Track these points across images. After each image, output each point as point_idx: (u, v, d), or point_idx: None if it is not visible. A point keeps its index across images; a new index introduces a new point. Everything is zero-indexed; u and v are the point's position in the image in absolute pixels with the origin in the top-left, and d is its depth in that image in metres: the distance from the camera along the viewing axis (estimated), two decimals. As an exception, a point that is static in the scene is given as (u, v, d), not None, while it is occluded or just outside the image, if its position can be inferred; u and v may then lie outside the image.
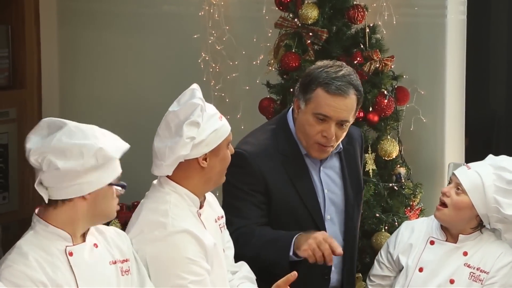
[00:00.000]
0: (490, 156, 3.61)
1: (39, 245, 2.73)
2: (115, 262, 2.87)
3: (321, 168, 3.53)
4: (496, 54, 6.56)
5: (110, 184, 2.79)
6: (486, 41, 6.47)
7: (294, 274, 3.01)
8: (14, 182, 5.83)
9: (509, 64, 6.57)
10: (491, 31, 6.52)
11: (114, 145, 2.80)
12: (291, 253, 3.28)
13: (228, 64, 5.43)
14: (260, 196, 3.41)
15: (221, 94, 5.46)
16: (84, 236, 2.84)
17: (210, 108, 3.13)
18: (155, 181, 3.17)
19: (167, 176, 3.10)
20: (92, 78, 6.03)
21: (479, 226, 3.54)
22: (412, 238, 3.61)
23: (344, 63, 3.50)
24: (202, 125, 3.04)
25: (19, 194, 5.85)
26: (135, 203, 4.96)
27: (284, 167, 3.45)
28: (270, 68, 4.94)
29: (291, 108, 3.56)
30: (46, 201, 2.75)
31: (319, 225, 3.46)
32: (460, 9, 5.08)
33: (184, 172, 3.07)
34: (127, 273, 2.89)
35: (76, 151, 2.70)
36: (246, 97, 5.37)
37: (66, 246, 2.75)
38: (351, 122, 3.49)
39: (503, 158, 3.55)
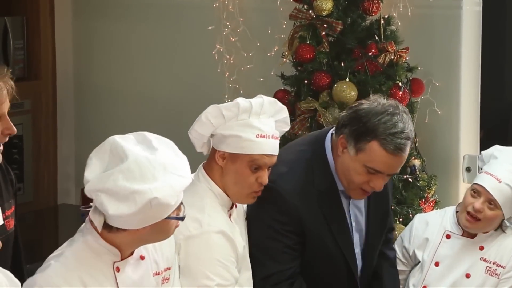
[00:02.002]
0: (497, 148, 3.58)
1: (86, 260, 2.65)
2: (158, 273, 2.85)
3: (351, 201, 3.33)
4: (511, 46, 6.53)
5: (168, 218, 2.66)
6: (502, 33, 6.45)
7: None
8: (29, 173, 5.85)
9: (524, 56, 6.54)
10: (506, 22, 6.49)
11: (173, 189, 2.60)
12: None
13: (243, 55, 5.42)
14: (294, 237, 3.21)
15: (236, 86, 5.46)
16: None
17: (256, 122, 3.04)
18: (192, 174, 3.16)
19: (204, 169, 3.09)
20: (106, 69, 6.04)
21: (500, 226, 3.54)
22: (427, 232, 3.59)
23: (398, 104, 3.21)
24: (228, 122, 3.02)
25: (34, 185, 5.87)
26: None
27: (319, 204, 3.23)
28: (285, 59, 4.93)
29: (329, 134, 3.29)
30: (99, 230, 2.65)
31: (350, 263, 3.31)
32: (476, 0, 5.06)
33: (210, 162, 3.09)
34: (166, 281, 2.88)
35: (130, 198, 2.55)
36: (260, 88, 5.35)
37: (114, 262, 2.69)
38: None
39: None
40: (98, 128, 5.99)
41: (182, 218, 2.69)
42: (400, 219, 4.58)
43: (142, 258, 2.78)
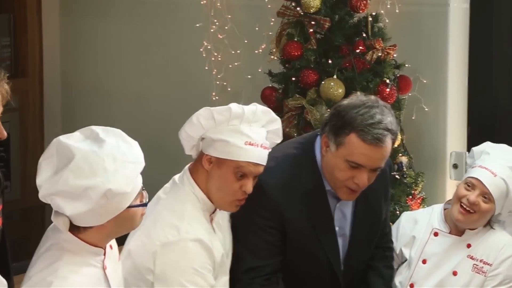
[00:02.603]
0: (489, 144, 3.59)
1: (79, 269, 2.64)
2: (119, 258, 2.86)
3: (337, 205, 3.29)
4: (499, 43, 6.54)
5: (130, 206, 2.65)
6: (489, 30, 6.45)
7: None
8: (16, 171, 5.84)
9: (512, 53, 6.55)
10: (494, 19, 6.50)
11: (126, 177, 2.58)
12: None
13: (230, 53, 5.42)
14: (276, 233, 3.19)
15: (223, 83, 5.45)
16: None
17: (247, 129, 3.02)
18: (176, 176, 3.13)
19: (190, 172, 3.07)
20: (94, 66, 6.03)
21: (489, 222, 3.54)
22: (414, 230, 3.60)
23: (378, 99, 3.19)
24: (219, 126, 3.00)
25: (21, 183, 5.86)
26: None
27: (303, 202, 3.20)
28: (272, 57, 4.93)
29: (318, 140, 3.26)
30: (66, 231, 2.63)
31: (333, 263, 3.29)
32: (463, -3, 5.08)
33: (196, 165, 3.07)
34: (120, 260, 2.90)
35: (84, 195, 2.55)
36: (248, 86, 5.37)
37: (103, 262, 2.69)
38: None
39: None
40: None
41: (145, 205, 2.68)
42: (387, 216, 4.59)
43: (111, 247, 2.79)
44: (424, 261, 3.54)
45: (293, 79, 4.74)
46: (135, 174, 2.62)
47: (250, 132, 3.00)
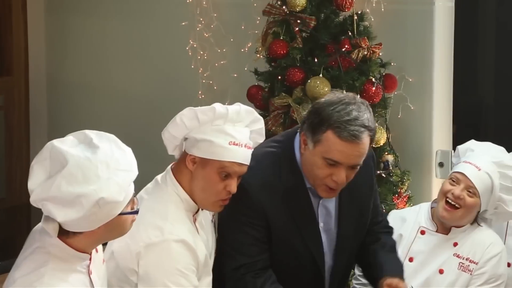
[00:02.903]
0: (474, 142, 3.60)
1: (65, 276, 2.62)
2: (104, 261, 2.85)
3: (320, 201, 3.27)
4: (484, 41, 6.56)
5: (121, 213, 2.63)
6: (474, 28, 6.47)
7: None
8: (1, 170, 5.83)
9: (497, 51, 6.58)
10: (479, 18, 6.52)
11: (119, 185, 2.57)
12: None
13: (216, 51, 5.42)
14: (261, 229, 3.19)
15: (209, 82, 5.45)
16: None
17: (230, 129, 3.00)
18: (159, 176, 3.12)
19: (173, 172, 3.06)
20: (79, 65, 6.02)
21: (476, 219, 3.55)
22: (402, 229, 3.60)
23: (356, 96, 3.17)
24: (202, 126, 2.99)
25: (6, 182, 5.84)
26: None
27: (284, 200, 3.19)
28: (258, 55, 4.93)
29: (297, 134, 3.25)
30: (55, 236, 2.62)
31: (318, 261, 3.29)
32: (448, -4, 5.09)
33: (179, 165, 3.06)
34: (104, 262, 2.89)
35: (77, 202, 2.53)
36: (234, 84, 5.37)
37: (88, 267, 2.68)
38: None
39: (501, 153, 3.54)
40: (71, 124, 5.96)
41: (136, 212, 2.67)
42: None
43: (96, 250, 2.77)
44: (411, 259, 3.55)
45: (279, 77, 4.74)
46: (128, 183, 2.60)
47: (234, 132, 3.00)
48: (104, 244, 2.89)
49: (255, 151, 3.21)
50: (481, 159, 3.48)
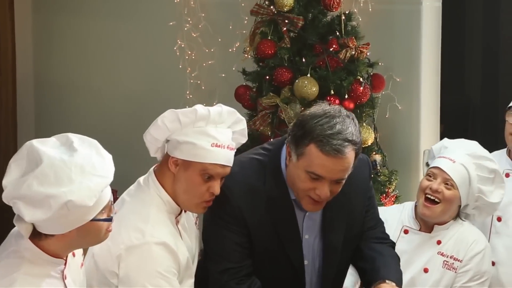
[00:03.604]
0: (447, 140, 3.62)
1: (37, 282, 2.60)
2: (82, 265, 2.84)
3: (307, 214, 3.19)
4: (471, 41, 6.59)
5: (94, 220, 2.60)
6: (461, 28, 6.50)
7: None
8: (-12, 169, 5.81)
9: (484, 51, 6.60)
10: (466, 18, 6.54)
11: (90, 190, 2.54)
12: None
13: (204, 51, 5.42)
14: (242, 236, 3.13)
15: (197, 82, 5.45)
16: None
17: (213, 130, 2.99)
18: (141, 178, 3.11)
19: (156, 174, 3.05)
20: (67, 64, 6.00)
21: (457, 215, 3.56)
22: (386, 227, 3.61)
23: (341, 109, 3.05)
24: (184, 128, 2.97)
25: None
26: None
27: (268, 209, 3.13)
28: (246, 55, 4.93)
29: (285, 145, 3.16)
30: (26, 237, 2.60)
31: (299, 273, 3.23)
32: (435, -4, 5.10)
33: (162, 167, 3.04)
34: (82, 266, 2.88)
35: (45, 203, 2.50)
36: (222, 84, 5.37)
37: (63, 272, 2.66)
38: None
39: (474, 145, 3.56)
40: (59, 123, 5.95)
41: (110, 220, 2.65)
42: (361, 214, 4.61)
43: (74, 255, 2.76)
44: (396, 259, 3.56)
45: (267, 77, 4.75)
46: (100, 189, 2.57)
47: (216, 134, 2.99)
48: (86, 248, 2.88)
49: (242, 157, 3.20)
50: (455, 153, 3.51)
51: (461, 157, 3.49)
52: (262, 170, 3.15)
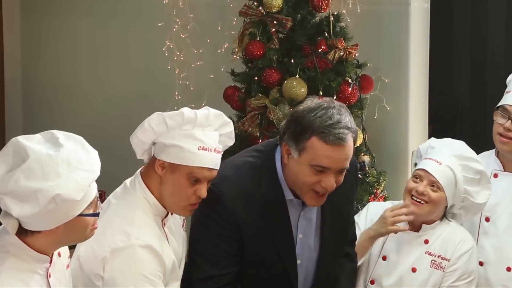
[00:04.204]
0: (434, 140, 3.63)
1: (20, 275, 2.59)
2: (68, 266, 2.84)
3: (302, 213, 3.21)
4: (459, 42, 6.61)
5: (81, 215, 2.61)
6: (449, 29, 6.52)
7: None
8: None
9: (472, 52, 6.62)
10: (454, 19, 6.56)
11: (78, 184, 2.55)
12: None
13: (193, 52, 5.41)
14: (233, 242, 3.13)
15: (186, 83, 5.45)
16: None
17: (199, 133, 2.98)
18: (127, 181, 3.10)
19: (142, 177, 3.04)
20: (55, 65, 5.99)
21: (444, 215, 3.57)
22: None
23: (332, 100, 3.10)
24: (171, 131, 2.96)
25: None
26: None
27: (263, 212, 3.13)
28: (235, 56, 4.93)
29: (278, 150, 3.17)
30: (13, 233, 2.59)
31: (290, 274, 3.23)
32: (424, -3, 5.12)
33: (148, 169, 3.03)
34: (69, 267, 2.87)
35: (33, 197, 2.51)
36: (210, 85, 5.37)
37: (47, 270, 2.66)
38: None
39: (460, 146, 3.57)
40: (47, 125, 5.90)
41: (96, 215, 2.65)
42: (350, 215, 4.62)
43: (59, 255, 2.75)
44: (384, 258, 3.56)
45: (256, 78, 4.75)
46: (88, 183, 2.58)
47: (203, 137, 2.98)
48: (72, 249, 2.88)
49: (234, 160, 3.20)
50: (441, 154, 3.51)
51: (447, 159, 3.49)
52: (256, 172, 3.15)
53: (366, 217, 3.66)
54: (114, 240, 2.91)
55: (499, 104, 3.68)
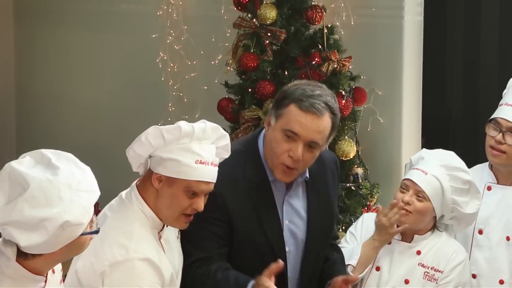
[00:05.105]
0: (425, 151, 3.64)
1: None
2: (61, 281, 2.82)
3: (286, 197, 3.29)
4: (452, 55, 6.62)
5: (82, 234, 2.58)
6: (443, 42, 6.53)
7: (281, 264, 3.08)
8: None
9: (465, 65, 6.64)
10: (447, 32, 6.58)
11: (82, 207, 2.53)
12: None
13: (187, 63, 5.42)
14: (223, 225, 3.19)
15: (179, 94, 5.45)
16: None
17: (197, 147, 2.98)
18: (123, 193, 3.08)
19: (138, 189, 3.03)
20: (49, 76, 5.99)
21: (434, 225, 3.57)
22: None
23: (323, 85, 3.25)
24: (168, 145, 2.95)
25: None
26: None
27: (249, 195, 3.21)
28: (229, 68, 4.94)
29: (263, 131, 3.32)
30: (14, 259, 2.56)
31: (280, 257, 3.24)
32: (417, 10, 5.13)
33: (144, 182, 3.02)
34: (62, 282, 2.86)
35: (40, 226, 2.48)
36: (204, 97, 5.37)
37: None
38: (322, 148, 3.24)
39: (449, 157, 3.57)
40: (40, 135, 5.93)
41: (96, 232, 2.63)
42: (343, 227, 4.62)
43: (53, 272, 2.72)
44: (377, 268, 3.56)
45: (250, 90, 4.75)
46: (91, 205, 2.57)
47: (200, 151, 2.97)
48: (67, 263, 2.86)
49: None
50: (428, 164, 3.53)
51: (434, 169, 3.50)
52: (241, 159, 3.24)
53: (362, 226, 3.67)
54: (113, 253, 2.90)
55: (491, 117, 3.70)
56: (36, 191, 2.50)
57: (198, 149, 2.96)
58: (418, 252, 3.54)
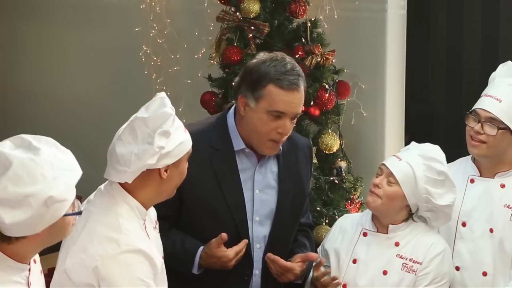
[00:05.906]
0: (413, 143, 3.65)
1: (2, 287, 2.57)
2: (42, 272, 2.82)
3: (257, 167, 3.44)
4: (436, 49, 6.64)
5: (66, 215, 2.60)
6: (426, 36, 6.55)
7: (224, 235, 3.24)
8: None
9: (448, 59, 6.66)
10: (430, 25, 6.59)
11: (66, 184, 2.57)
12: (196, 271, 3.35)
13: (170, 57, 5.41)
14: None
15: (163, 88, 5.44)
16: None
17: (177, 120, 3.02)
18: (102, 186, 3.08)
19: (119, 183, 3.02)
20: (33, 71, 5.97)
21: (409, 216, 3.58)
22: (346, 233, 3.64)
23: (284, 54, 3.42)
24: (171, 136, 2.97)
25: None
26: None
27: (211, 161, 3.38)
28: (212, 61, 4.93)
29: (232, 108, 3.46)
30: None
31: (239, 226, 3.39)
32: (400, 4, 5.14)
33: (141, 182, 2.99)
34: (41, 273, 2.85)
35: (24, 202, 2.50)
36: (187, 90, 5.36)
37: (28, 278, 2.64)
38: None
39: (430, 148, 3.59)
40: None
41: (80, 213, 2.66)
42: (326, 221, 4.62)
43: (35, 261, 2.72)
44: (354, 261, 3.57)
45: (233, 83, 4.75)
46: (74, 182, 2.59)
47: (178, 121, 3.04)
48: (46, 253, 2.85)
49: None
50: (407, 153, 3.55)
51: (410, 157, 3.53)
52: (210, 127, 3.43)
53: (336, 229, 3.70)
54: (104, 248, 2.89)
55: (472, 109, 3.71)
56: (19, 169, 2.52)
57: (178, 122, 3.00)
58: (397, 244, 3.55)
